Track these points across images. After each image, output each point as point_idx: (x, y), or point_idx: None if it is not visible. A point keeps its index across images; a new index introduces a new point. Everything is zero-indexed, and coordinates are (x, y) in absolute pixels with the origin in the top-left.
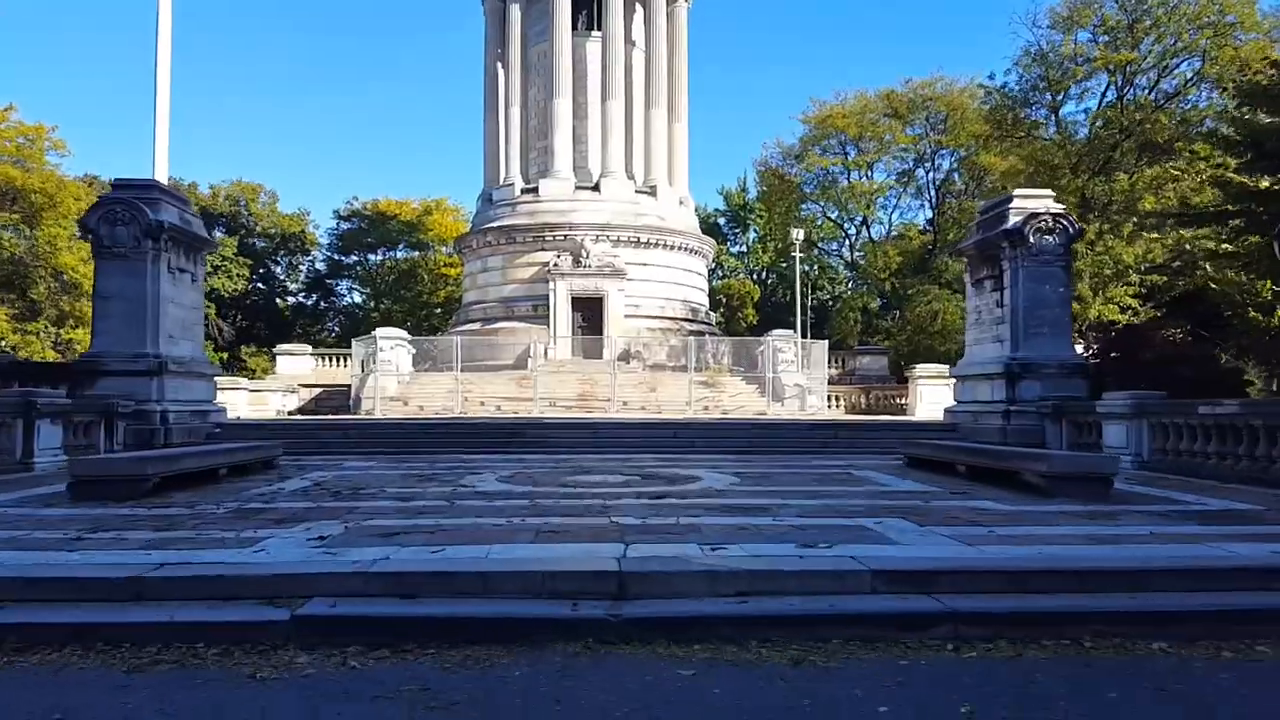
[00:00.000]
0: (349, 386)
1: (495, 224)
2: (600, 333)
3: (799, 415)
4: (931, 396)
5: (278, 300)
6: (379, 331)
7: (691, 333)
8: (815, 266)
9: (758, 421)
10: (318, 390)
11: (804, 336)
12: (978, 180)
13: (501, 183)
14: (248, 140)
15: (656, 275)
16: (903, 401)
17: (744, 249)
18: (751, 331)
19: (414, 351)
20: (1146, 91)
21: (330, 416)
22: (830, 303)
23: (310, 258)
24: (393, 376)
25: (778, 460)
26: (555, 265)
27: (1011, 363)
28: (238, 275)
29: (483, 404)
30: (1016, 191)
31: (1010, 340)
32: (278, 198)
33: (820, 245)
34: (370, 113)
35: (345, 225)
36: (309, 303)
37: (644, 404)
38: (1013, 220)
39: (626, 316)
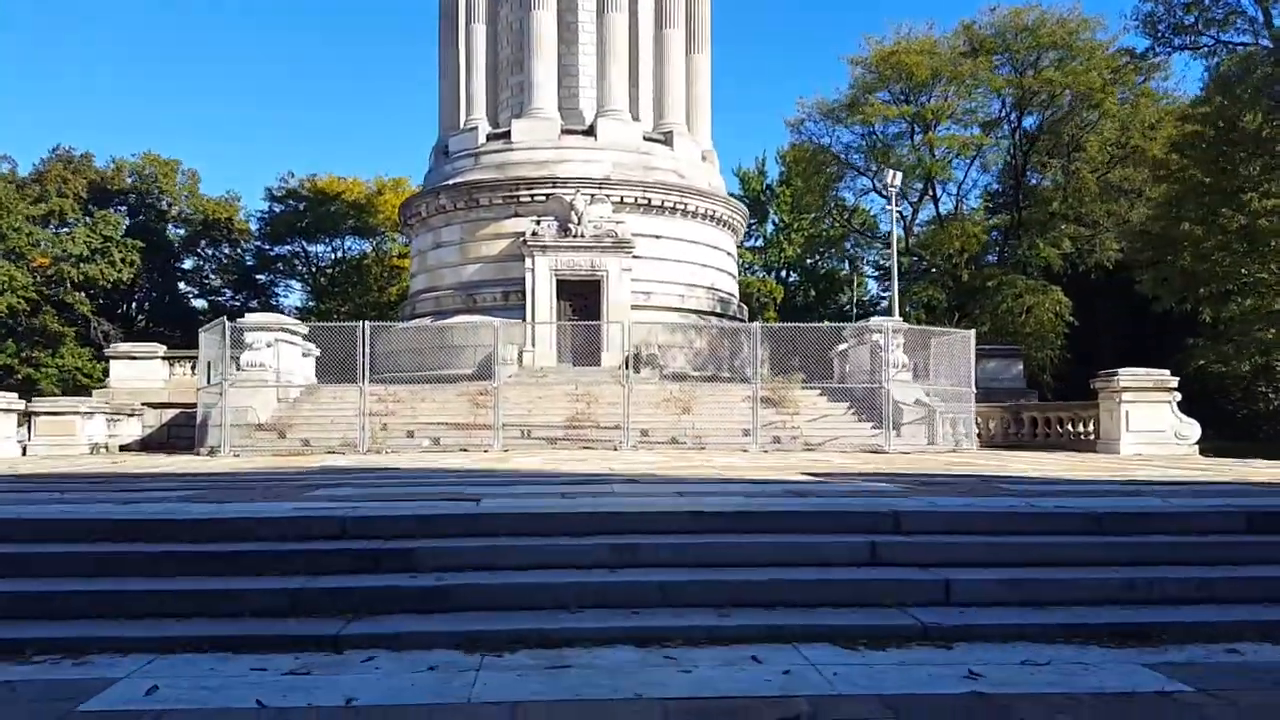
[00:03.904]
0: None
1: (452, 181)
2: (597, 330)
3: (947, 457)
4: (1145, 420)
5: (196, 300)
6: (248, 318)
7: (721, 330)
8: (847, 261)
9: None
10: (173, 412)
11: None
12: (1073, 142)
13: (462, 127)
14: (170, 115)
15: (674, 251)
16: (1082, 429)
17: (761, 241)
18: None
19: (317, 353)
20: None
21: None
22: (874, 303)
23: (241, 250)
24: (268, 390)
25: None
26: (534, 235)
27: None
28: (123, 261)
29: (412, 434)
30: None
31: None
32: (199, 178)
33: (858, 233)
34: (313, 78)
35: (279, 208)
36: (235, 303)
37: (674, 433)
38: None
39: (634, 307)
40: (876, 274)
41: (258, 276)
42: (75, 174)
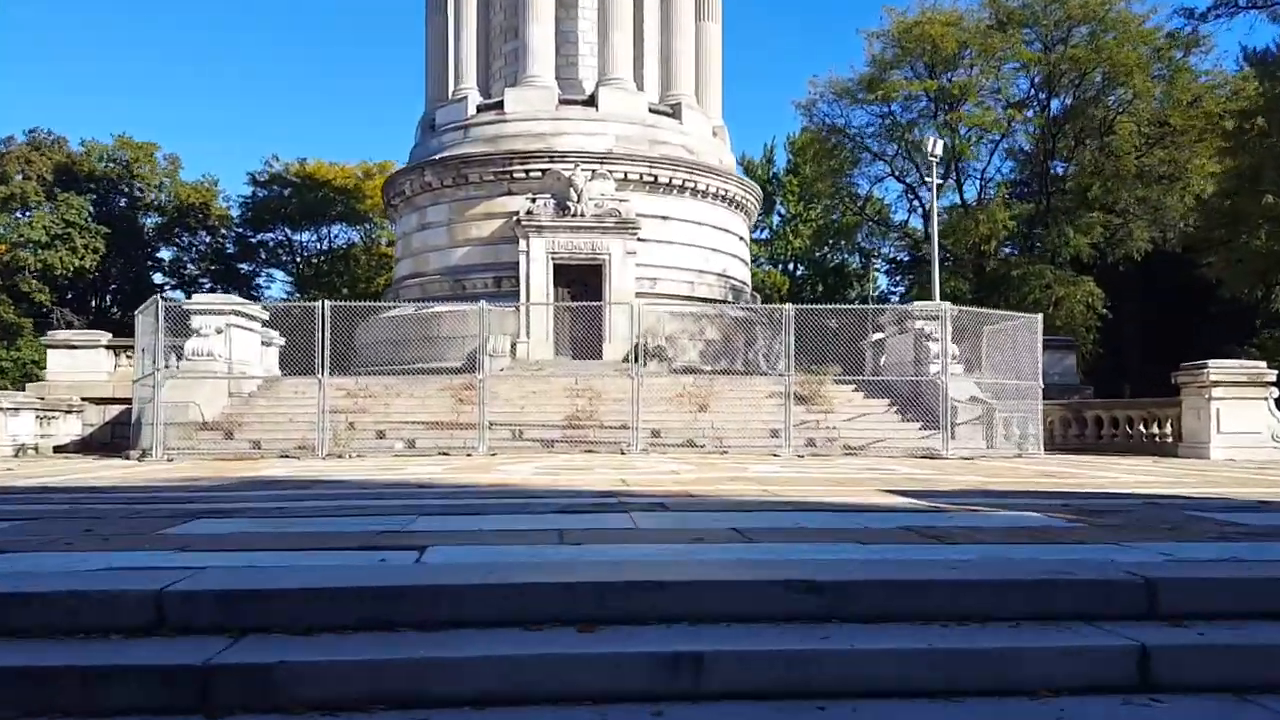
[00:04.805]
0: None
1: (439, 156)
2: (598, 317)
3: (1020, 464)
4: (1238, 420)
5: (172, 290)
6: (195, 299)
7: (735, 319)
8: (858, 253)
9: None
10: (118, 408)
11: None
12: (1104, 124)
13: (451, 98)
14: (152, 103)
15: (682, 234)
16: (1158, 430)
17: (767, 233)
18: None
19: (281, 342)
20: None
21: None
22: (885, 298)
23: (221, 238)
24: (215, 383)
25: None
26: (529, 214)
27: None
28: (86, 248)
29: (383, 435)
30: None
31: None
32: (180, 164)
33: (872, 223)
34: (298, 63)
35: (262, 193)
36: (216, 293)
37: (690, 434)
38: None
39: (638, 294)
40: (889, 267)
41: (239, 265)
42: (41, 155)
